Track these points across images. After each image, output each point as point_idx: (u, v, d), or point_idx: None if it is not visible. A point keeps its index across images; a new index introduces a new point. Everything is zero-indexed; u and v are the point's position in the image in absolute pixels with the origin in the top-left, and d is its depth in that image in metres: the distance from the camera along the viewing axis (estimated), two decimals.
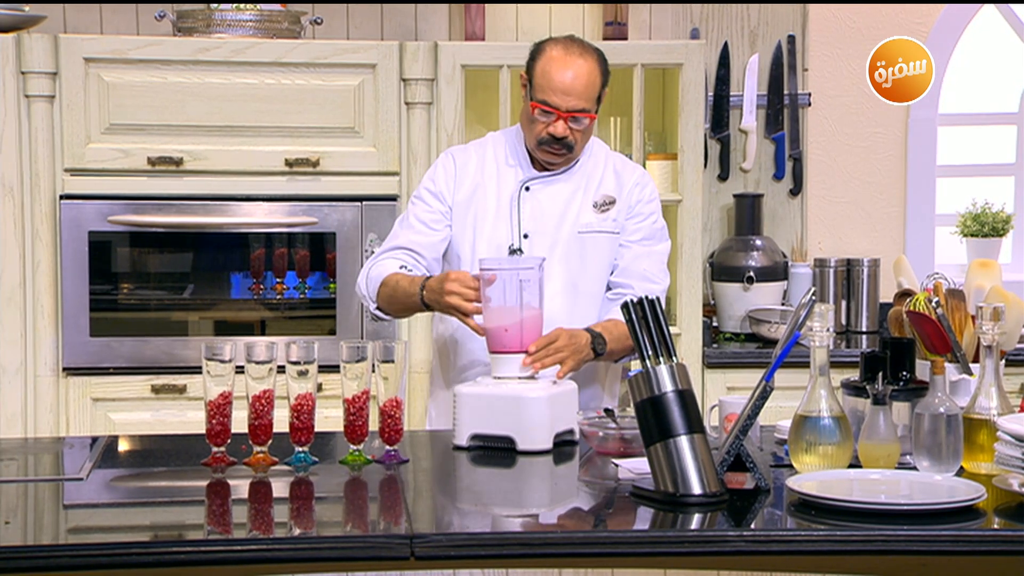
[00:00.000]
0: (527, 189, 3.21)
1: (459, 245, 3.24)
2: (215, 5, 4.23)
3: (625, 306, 2.53)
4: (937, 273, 2.93)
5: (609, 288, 3.25)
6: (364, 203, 4.24)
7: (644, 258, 3.24)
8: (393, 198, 4.26)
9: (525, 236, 3.20)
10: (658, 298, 2.55)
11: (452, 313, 2.99)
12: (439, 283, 2.99)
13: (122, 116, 4.15)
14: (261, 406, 2.65)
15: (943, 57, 4.82)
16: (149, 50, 4.15)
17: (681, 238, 4.36)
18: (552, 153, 3.17)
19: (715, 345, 4.47)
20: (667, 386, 2.45)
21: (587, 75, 3.11)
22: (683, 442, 2.42)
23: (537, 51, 3.17)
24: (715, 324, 4.65)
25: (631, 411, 2.59)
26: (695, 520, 2.36)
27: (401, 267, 3.16)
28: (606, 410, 2.93)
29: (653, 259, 3.25)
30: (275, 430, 2.67)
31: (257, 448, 2.67)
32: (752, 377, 3.07)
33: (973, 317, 2.77)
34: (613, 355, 3.14)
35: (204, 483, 2.59)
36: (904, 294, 2.92)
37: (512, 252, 3.18)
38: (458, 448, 2.85)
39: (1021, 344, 2.84)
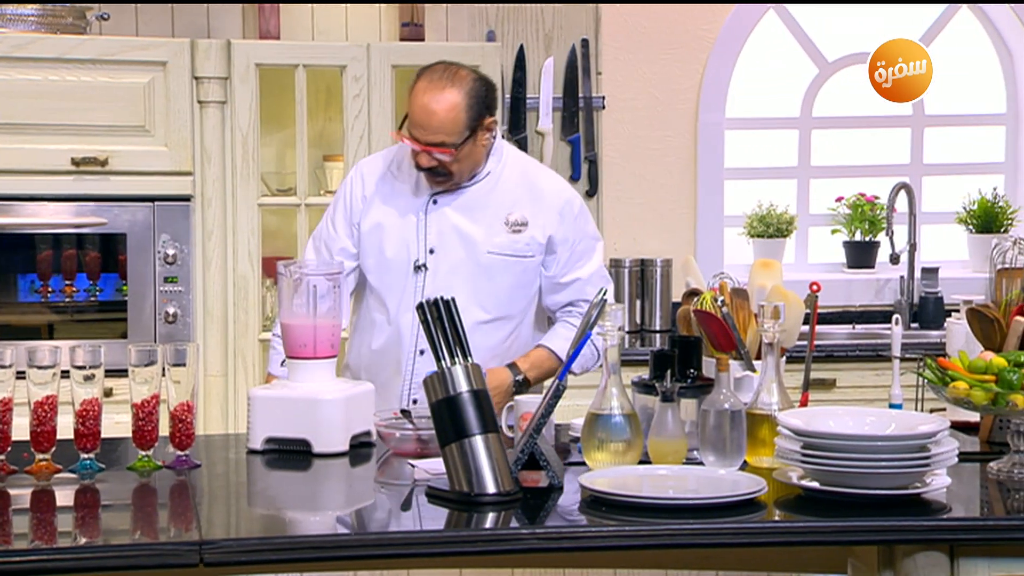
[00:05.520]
0: (435, 202, 3.14)
1: (365, 258, 3.17)
2: None
3: (420, 307, 2.53)
4: (722, 273, 3.00)
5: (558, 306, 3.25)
6: (156, 203, 4.14)
7: (592, 275, 3.23)
8: (187, 198, 4.17)
9: (431, 251, 3.13)
10: (453, 298, 2.54)
11: None
12: None
13: None
14: (44, 412, 2.57)
15: (728, 63, 4.96)
16: None
17: None
18: (431, 180, 3.11)
19: None
20: (462, 386, 2.46)
21: (447, 109, 3.00)
22: (478, 442, 2.43)
23: (415, 78, 3.08)
24: None
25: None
26: (489, 519, 2.38)
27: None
28: (403, 411, 2.93)
29: (596, 271, 3.24)
30: (59, 437, 2.60)
31: (40, 456, 2.59)
32: None
33: (756, 315, 2.85)
34: (538, 382, 3.22)
35: None
36: (692, 293, 2.98)
37: (417, 268, 3.12)
38: (252, 452, 2.82)
39: (800, 341, 2.93)
